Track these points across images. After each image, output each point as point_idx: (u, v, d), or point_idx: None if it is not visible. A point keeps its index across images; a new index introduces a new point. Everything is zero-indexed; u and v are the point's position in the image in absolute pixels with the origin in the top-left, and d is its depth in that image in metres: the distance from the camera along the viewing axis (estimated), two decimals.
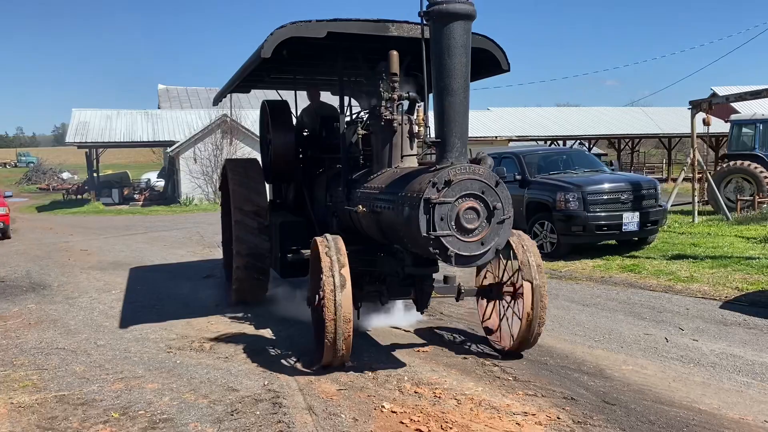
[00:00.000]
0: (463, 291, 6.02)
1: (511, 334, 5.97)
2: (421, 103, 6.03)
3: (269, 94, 9.26)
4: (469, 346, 6.40)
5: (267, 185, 8.51)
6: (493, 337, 6.38)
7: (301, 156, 8.44)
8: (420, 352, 6.19)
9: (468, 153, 5.09)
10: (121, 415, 4.73)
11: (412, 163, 6.09)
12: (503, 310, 6.20)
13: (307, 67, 7.86)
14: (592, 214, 10.94)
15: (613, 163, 16.05)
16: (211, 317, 7.76)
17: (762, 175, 16.31)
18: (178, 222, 22.37)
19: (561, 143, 38.12)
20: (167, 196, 34.16)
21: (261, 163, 8.72)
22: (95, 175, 35.15)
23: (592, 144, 44.08)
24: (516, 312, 5.87)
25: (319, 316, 5.38)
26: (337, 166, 7.32)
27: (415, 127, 5.63)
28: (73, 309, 8.54)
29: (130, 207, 31.11)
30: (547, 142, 36.87)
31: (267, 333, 6.99)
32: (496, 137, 34.87)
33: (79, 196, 36.20)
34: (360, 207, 5.83)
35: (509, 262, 6.03)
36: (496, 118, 38.91)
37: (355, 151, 6.72)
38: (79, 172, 55.86)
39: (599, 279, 9.63)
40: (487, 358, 5.98)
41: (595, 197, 11.05)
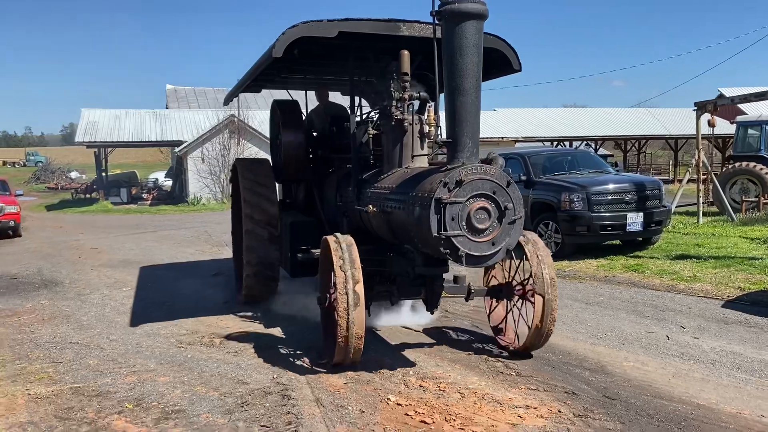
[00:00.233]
0: (473, 291, 6.01)
1: (518, 335, 5.98)
2: (432, 103, 6.05)
3: (276, 94, 9.33)
4: (473, 342, 6.52)
5: (277, 185, 8.51)
6: (501, 336, 6.37)
7: (311, 156, 8.45)
8: (425, 348, 6.33)
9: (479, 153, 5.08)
10: (134, 406, 4.88)
11: (423, 163, 6.09)
12: (512, 310, 6.19)
13: (317, 66, 7.88)
14: (597, 215, 11.03)
15: (617, 164, 16.11)
16: (220, 314, 7.91)
17: (767, 176, 16.35)
18: (186, 221, 22.56)
19: (567, 144, 38.19)
20: (175, 196, 34.38)
21: (271, 163, 8.71)
22: (104, 174, 35.43)
23: (599, 145, 44.15)
24: (523, 316, 5.87)
25: (330, 315, 5.43)
26: (348, 166, 7.34)
27: (426, 127, 5.63)
28: (85, 305, 8.71)
29: (139, 206, 31.33)
30: (553, 143, 36.94)
31: (275, 328, 7.13)
32: (503, 138, 34.92)
33: (87, 196, 36.49)
34: (370, 207, 5.83)
35: (519, 262, 6.01)
36: (502, 118, 38.96)
37: (365, 151, 6.73)
38: (88, 171, 56.25)
39: (603, 278, 9.74)
40: (490, 354, 6.10)
41: (599, 198, 11.15)
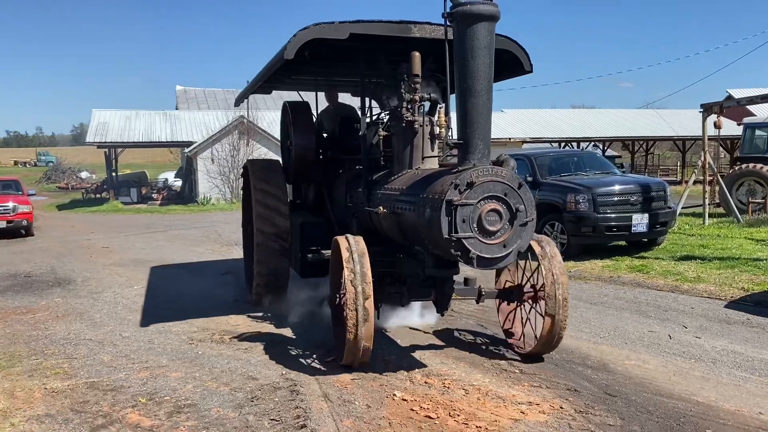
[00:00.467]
0: (483, 293, 6.00)
1: (529, 337, 5.98)
2: (443, 105, 6.05)
3: (285, 95, 9.42)
4: (478, 341, 6.64)
5: (287, 185, 8.49)
6: (513, 340, 6.35)
7: (321, 157, 8.46)
8: (431, 346, 6.45)
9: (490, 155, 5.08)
10: (148, 401, 5.04)
11: (434, 164, 6.09)
12: (523, 313, 6.18)
13: (328, 68, 7.90)
14: (602, 216, 11.12)
15: (623, 166, 16.18)
16: (229, 312, 8.06)
17: None
18: (196, 221, 22.76)
19: (575, 145, 38.19)
20: (185, 196, 34.62)
21: (282, 164, 8.73)
22: (114, 174, 35.72)
23: (607, 146, 44.09)
24: (532, 320, 5.88)
25: (339, 316, 5.48)
26: (357, 167, 7.37)
27: (437, 129, 5.62)
28: (97, 303, 8.89)
29: (149, 206, 31.57)
30: (561, 144, 36.96)
31: (284, 326, 7.27)
32: (510, 139, 34.93)
33: (98, 195, 36.80)
34: (380, 208, 5.82)
35: (528, 263, 6.02)
36: (509, 119, 38.98)
37: (375, 152, 6.73)
38: (98, 171, 56.64)
39: (608, 279, 9.83)
40: (495, 352, 6.22)
41: (604, 199, 11.23)
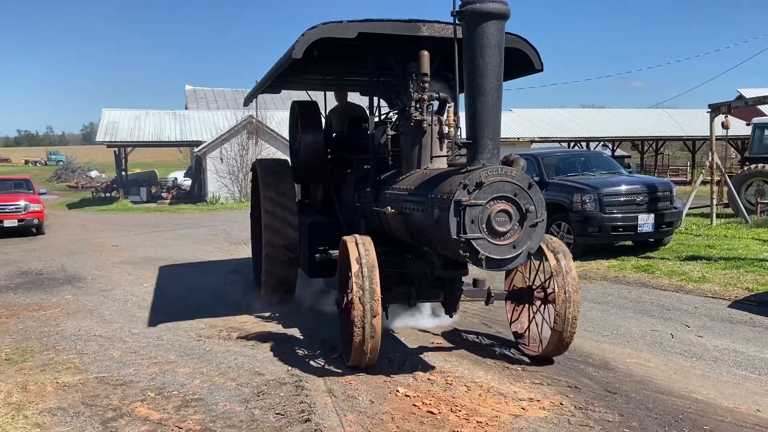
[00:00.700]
0: (493, 295, 5.96)
1: (540, 340, 5.91)
2: (452, 104, 6.00)
3: (293, 95, 9.49)
4: (482, 339, 6.71)
5: (296, 185, 8.48)
6: (522, 341, 6.28)
7: (329, 156, 8.45)
8: (434, 343, 6.54)
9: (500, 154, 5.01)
10: (156, 395, 5.15)
11: (442, 164, 6.05)
12: (533, 315, 6.10)
13: (337, 67, 7.92)
14: (608, 216, 11.16)
15: (630, 166, 16.19)
16: (237, 309, 8.17)
17: None
18: (205, 220, 22.94)
19: (584, 145, 38.12)
20: (194, 195, 34.85)
21: (290, 163, 8.75)
22: (123, 173, 36.01)
23: (616, 146, 43.98)
24: (547, 320, 5.79)
25: (347, 316, 5.47)
26: (366, 167, 7.35)
27: (445, 128, 5.57)
28: (107, 300, 9.03)
29: (158, 205, 31.83)
30: (570, 144, 36.91)
31: (290, 323, 7.36)
32: (518, 138, 34.96)
33: (107, 194, 37.11)
34: (389, 208, 5.77)
35: (538, 263, 5.97)
36: (518, 119, 38.98)
37: (383, 151, 6.68)
38: (107, 170, 57.03)
39: (613, 278, 9.88)
40: (498, 350, 6.29)
41: (611, 199, 11.27)
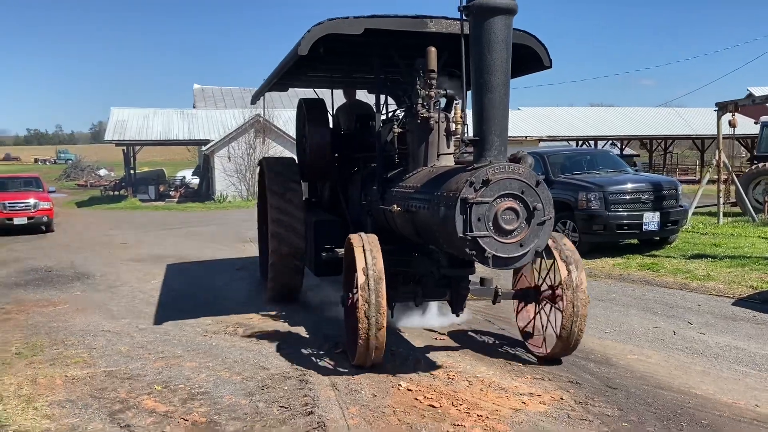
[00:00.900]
0: (500, 294, 5.90)
1: (547, 339, 5.82)
2: (459, 101, 5.95)
3: (300, 93, 9.51)
4: (484, 336, 6.77)
5: (303, 183, 8.48)
6: (530, 341, 6.18)
7: (336, 155, 8.41)
8: (438, 339, 6.60)
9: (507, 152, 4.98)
10: (163, 388, 5.24)
11: (449, 161, 6.02)
12: (540, 314, 6.04)
13: (343, 64, 7.89)
14: (613, 214, 11.18)
15: (636, 164, 16.18)
16: (243, 305, 8.26)
17: None
18: (213, 218, 23.08)
19: (592, 144, 38.04)
20: (202, 193, 35.01)
21: (297, 161, 8.72)
22: (132, 172, 36.22)
23: (624, 145, 43.84)
24: (552, 322, 5.75)
25: (352, 315, 5.44)
26: (372, 164, 7.35)
27: (453, 125, 5.51)
28: (115, 296, 9.14)
29: (166, 203, 32.00)
30: (577, 143, 36.84)
31: (295, 320, 7.44)
32: (526, 137, 34.94)
33: (116, 193, 37.33)
34: (395, 206, 5.74)
35: (545, 261, 5.86)
36: (526, 117, 38.93)
37: (390, 149, 6.63)
38: (116, 169, 57.34)
39: (618, 276, 9.91)
40: (501, 346, 6.35)
41: (616, 197, 11.29)
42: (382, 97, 7.18)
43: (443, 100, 6.18)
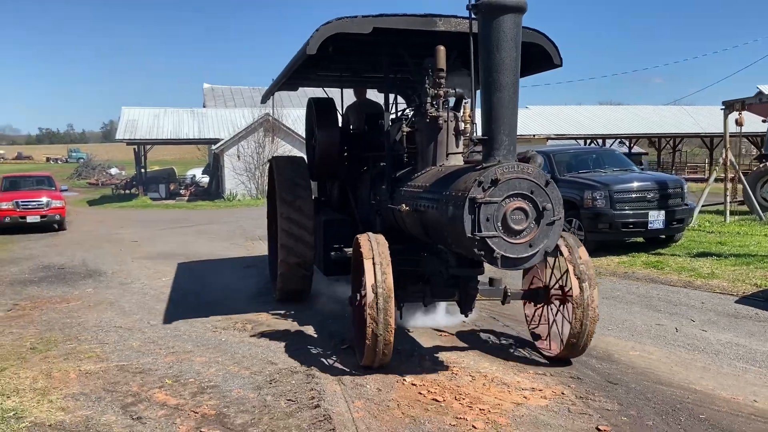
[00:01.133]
0: (509, 294, 5.85)
1: (557, 340, 5.83)
2: (468, 100, 5.92)
3: (310, 92, 9.57)
4: (490, 334, 6.87)
5: (312, 183, 8.48)
6: (540, 342, 6.20)
7: (345, 154, 8.39)
8: (443, 336, 6.71)
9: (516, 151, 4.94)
10: (174, 382, 5.39)
11: (458, 161, 6.02)
12: (550, 315, 6.04)
13: (353, 63, 7.89)
14: (619, 212, 11.25)
15: (642, 163, 16.21)
16: (252, 302, 8.42)
17: None
18: (222, 216, 23.28)
19: (600, 142, 37.98)
20: (211, 192, 35.29)
21: (306, 160, 8.73)
22: (143, 170, 36.52)
23: (633, 143, 43.73)
24: (558, 323, 5.76)
25: (360, 316, 5.44)
26: (382, 164, 7.32)
27: (462, 125, 5.49)
28: (127, 293, 9.31)
29: (176, 202, 32.28)
30: (586, 141, 36.80)
31: (304, 317, 7.57)
32: (534, 135, 34.92)
33: (127, 191, 37.65)
34: (403, 206, 5.72)
35: (556, 261, 5.84)
36: (534, 116, 38.90)
37: (399, 148, 6.58)
38: (127, 167, 57.76)
39: (622, 274, 9.98)
40: (504, 343, 6.46)
41: (621, 196, 11.36)
42: (392, 96, 7.13)
43: (452, 99, 6.18)
